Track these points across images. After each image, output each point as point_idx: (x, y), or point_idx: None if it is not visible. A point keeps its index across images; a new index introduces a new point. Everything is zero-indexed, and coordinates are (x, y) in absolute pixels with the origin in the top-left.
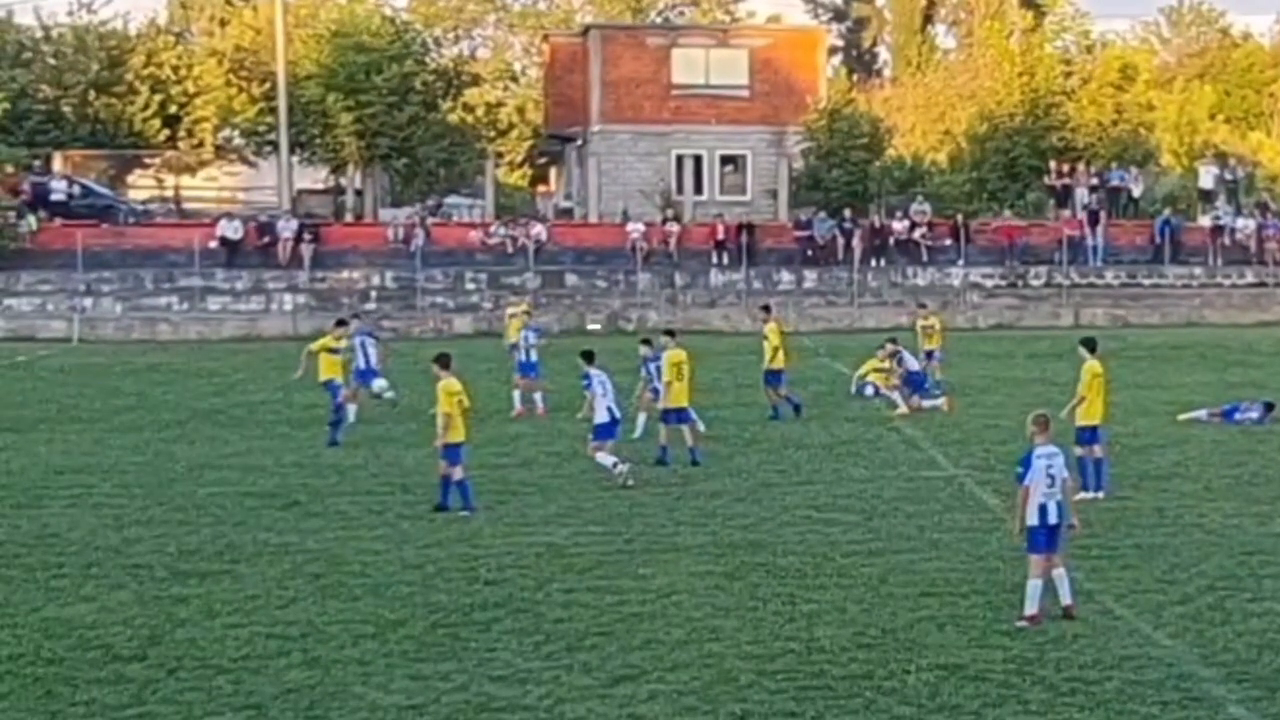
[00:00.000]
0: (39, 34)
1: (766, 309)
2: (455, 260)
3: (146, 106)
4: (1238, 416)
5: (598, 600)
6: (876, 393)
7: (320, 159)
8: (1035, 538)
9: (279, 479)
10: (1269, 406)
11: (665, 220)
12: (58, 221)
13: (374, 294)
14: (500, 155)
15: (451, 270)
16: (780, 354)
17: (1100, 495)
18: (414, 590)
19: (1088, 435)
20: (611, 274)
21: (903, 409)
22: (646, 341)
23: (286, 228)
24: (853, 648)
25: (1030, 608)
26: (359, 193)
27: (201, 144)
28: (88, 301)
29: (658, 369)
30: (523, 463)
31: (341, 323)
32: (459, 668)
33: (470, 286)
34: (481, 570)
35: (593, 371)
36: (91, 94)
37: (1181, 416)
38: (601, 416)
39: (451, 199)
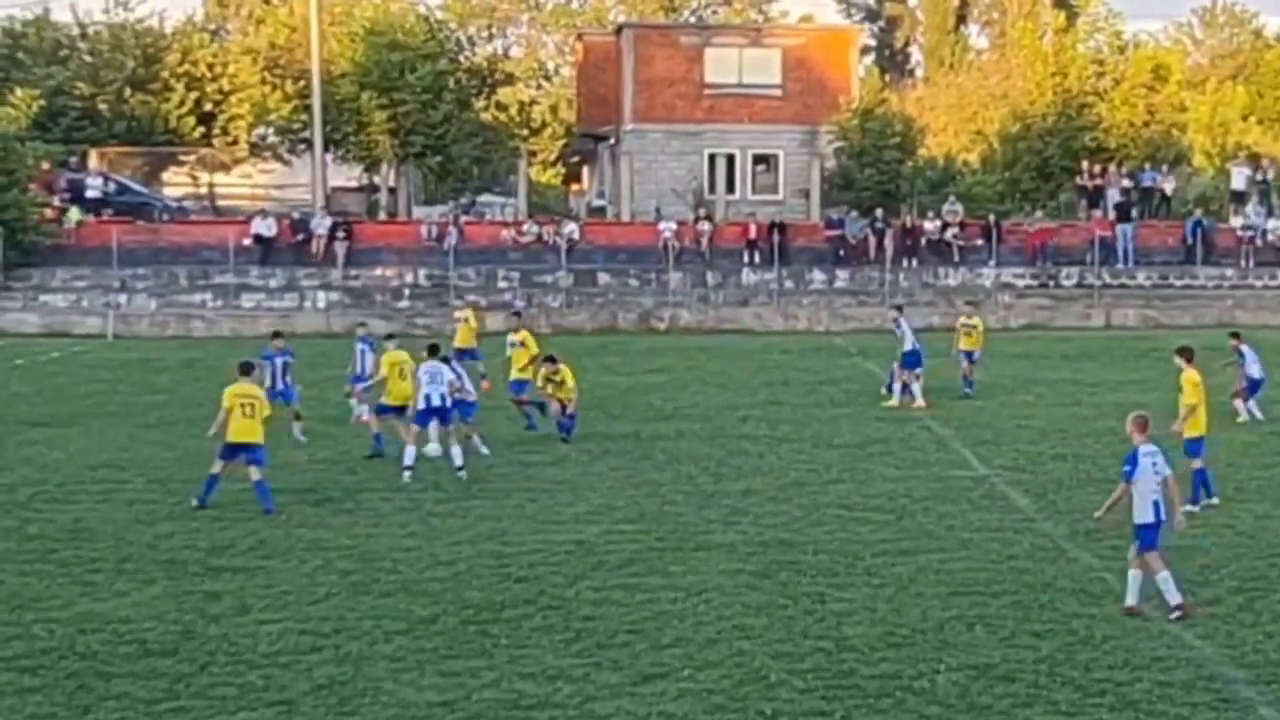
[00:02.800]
0: (75, 31)
1: (518, 314)
2: (488, 258)
3: (182, 104)
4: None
5: (628, 598)
6: (905, 390)
7: (354, 157)
8: (1147, 534)
9: (312, 475)
10: None
11: (697, 219)
12: (92, 218)
13: (407, 291)
14: (533, 154)
15: (484, 268)
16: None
17: (1200, 507)
18: (445, 587)
19: (1195, 447)
20: (643, 273)
21: (894, 401)
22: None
23: (320, 225)
24: (882, 647)
25: (1130, 599)
26: (392, 190)
27: (236, 141)
28: (123, 298)
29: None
30: (554, 460)
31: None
32: (489, 664)
33: (503, 284)
34: (512, 567)
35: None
36: (127, 91)
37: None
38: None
39: (484, 197)
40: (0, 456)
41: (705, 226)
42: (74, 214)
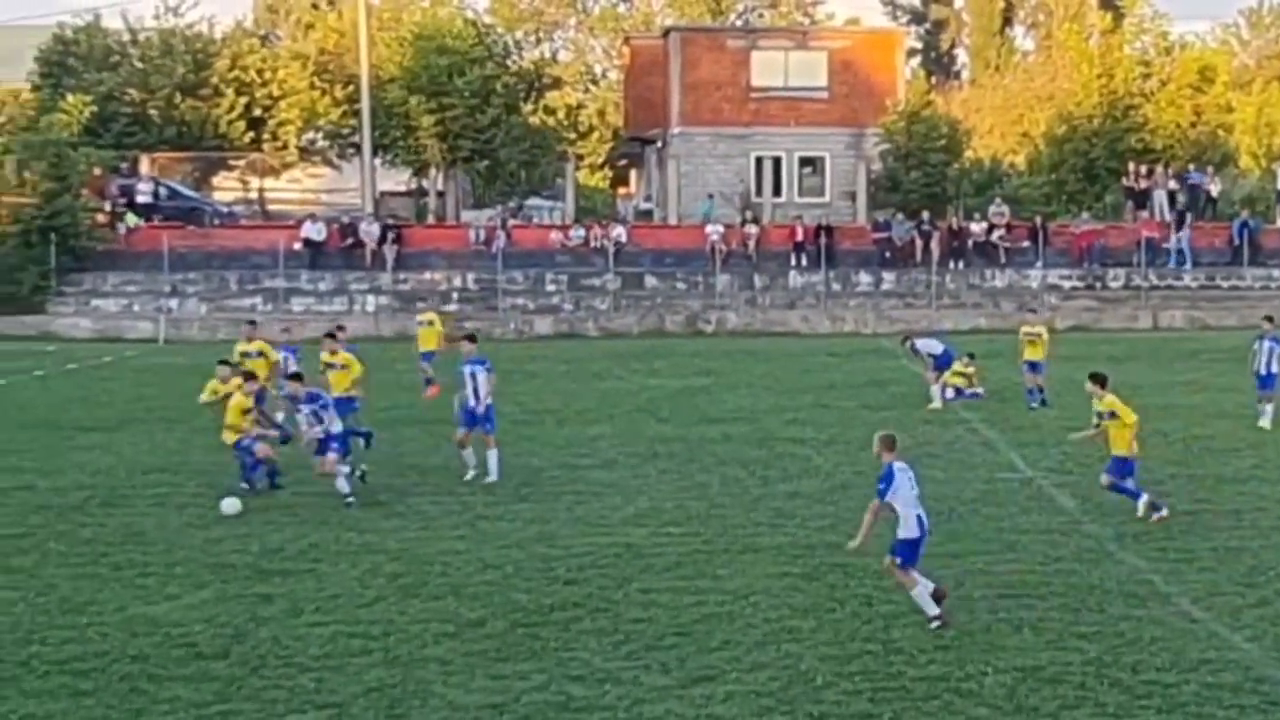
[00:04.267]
0: (126, 38)
1: (339, 329)
2: (536, 262)
3: (231, 109)
4: None
5: (676, 600)
6: (959, 394)
7: (403, 161)
8: (909, 549)
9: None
10: None
11: (744, 222)
12: (144, 223)
13: (455, 295)
14: (580, 157)
15: (532, 271)
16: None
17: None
18: (494, 590)
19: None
20: (690, 276)
21: (937, 403)
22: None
23: (369, 229)
24: (930, 649)
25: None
26: (441, 195)
27: (285, 146)
28: (173, 302)
29: None
30: (603, 464)
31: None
32: (538, 667)
33: (551, 288)
34: (560, 570)
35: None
36: (177, 97)
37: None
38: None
39: (532, 201)
40: (53, 461)
41: (752, 229)
42: (129, 219)
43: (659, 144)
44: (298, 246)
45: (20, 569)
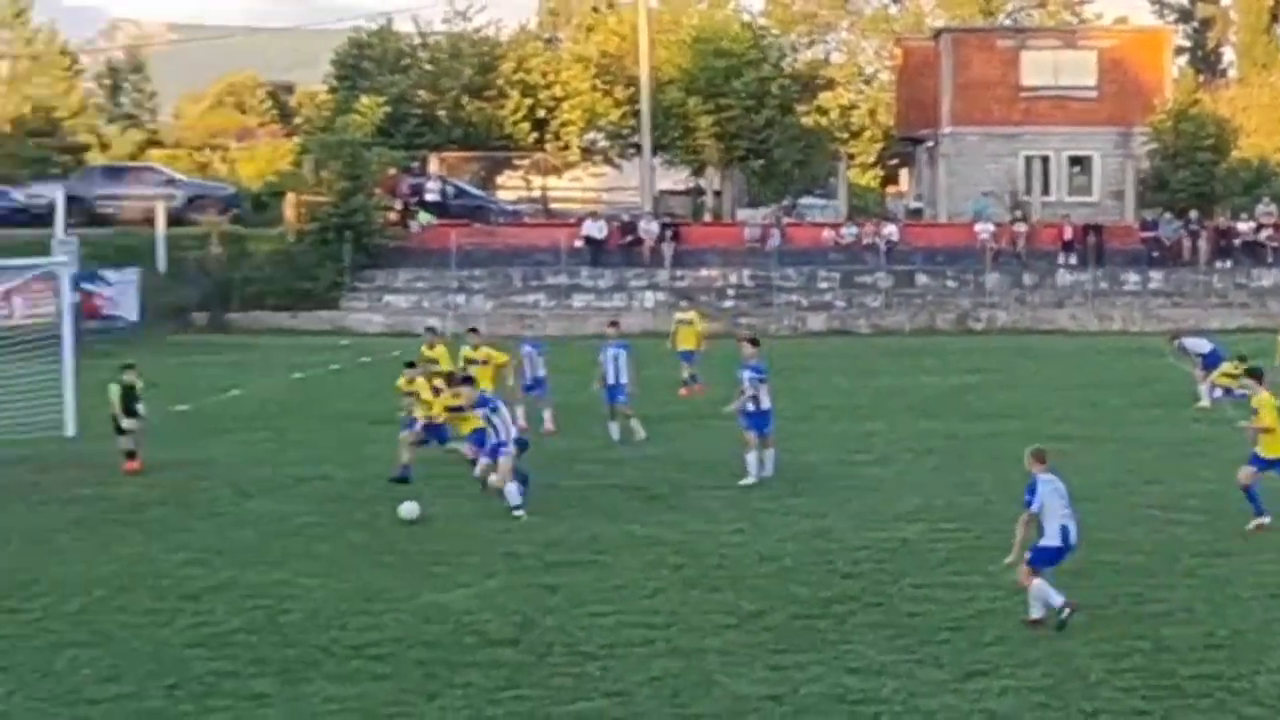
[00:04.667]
0: (416, 41)
1: (472, 331)
2: (809, 259)
3: (516, 110)
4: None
5: (949, 595)
6: (1227, 394)
7: (681, 160)
8: (1048, 555)
9: (642, 472)
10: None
11: (1014, 220)
12: (433, 221)
13: (731, 292)
14: (852, 156)
15: (805, 269)
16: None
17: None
18: (772, 582)
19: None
20: (961, 274)
21: (1205, 402)
22: None
23: (648, 227)
24: (1201, 648)
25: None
26: (717, 193)
27: (568, 146)
28: (460, 298)
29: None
30: (877, 459)
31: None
32: (816, 659)
33: (823, 285)
34: (837, 564)
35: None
36: (465, 98)
37: None
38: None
39: (806, 199)
40: (349, 452)
41: (1021, 228)
42: (423, 217)
43: (929, 143)
44: (579, 244)
45: (320, 557)
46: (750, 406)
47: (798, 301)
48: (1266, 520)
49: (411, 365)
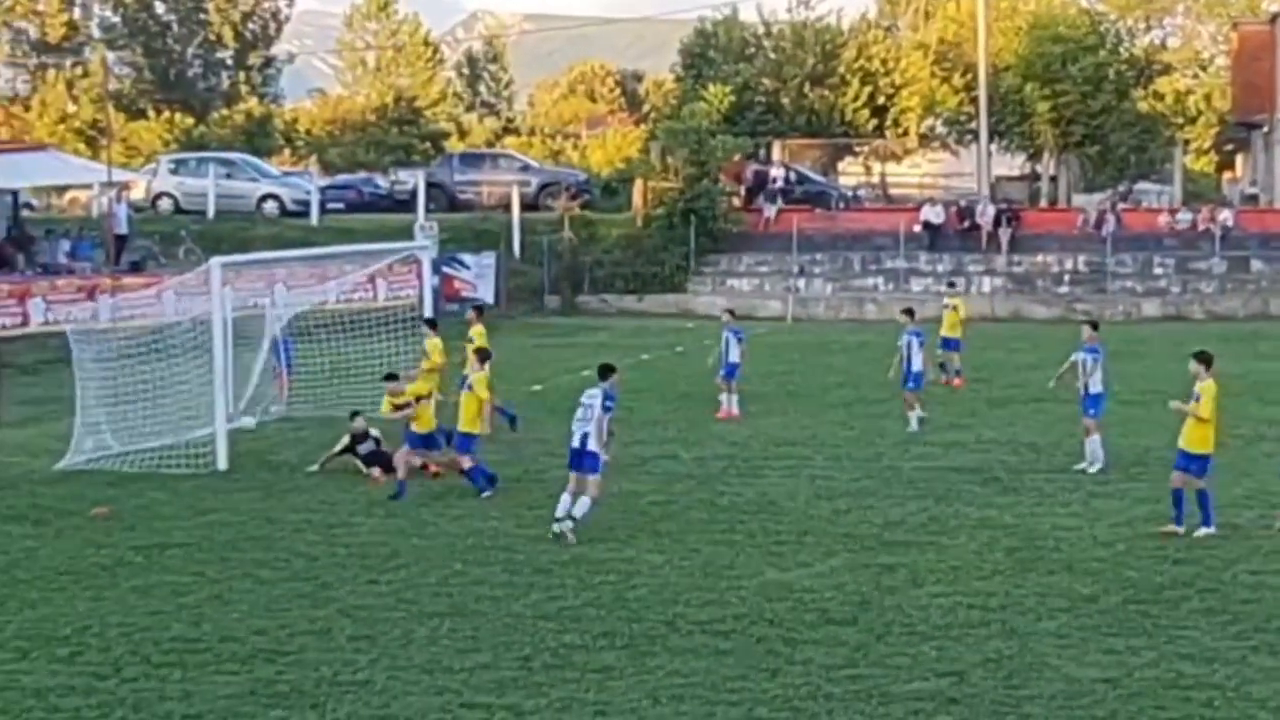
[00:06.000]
0: (760, 30)
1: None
2: (1144, 245)
3: (856, 98)
4: None
5: None
6: None
7: (1016, 146)
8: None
9: (979, 455)
10: None
11: None
12: (779, 206)
13: (1067, 277)
14: (1187, 142)
15: (1140, 255)
16: None
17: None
18: (1105, 566)
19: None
20: None
21: None
22: None
23: (986, 213)
24: None
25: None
26: (1053, 179)
27: (906, 133)
28: (801, 282)
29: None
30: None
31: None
32: (1149, 644)
33: (1158, 271)
34: (1170, 549)
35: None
36: (807, 86)
37: None
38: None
39: (1141, 185)
40: (694, 432)
41: None
42: (772, 209)
43: (1265, 129)
44: (917, 229)
45: (666, 534)
46: (1090, 389)
47: (1132, 287)
48: (1179, 530)
49: (393, 377)
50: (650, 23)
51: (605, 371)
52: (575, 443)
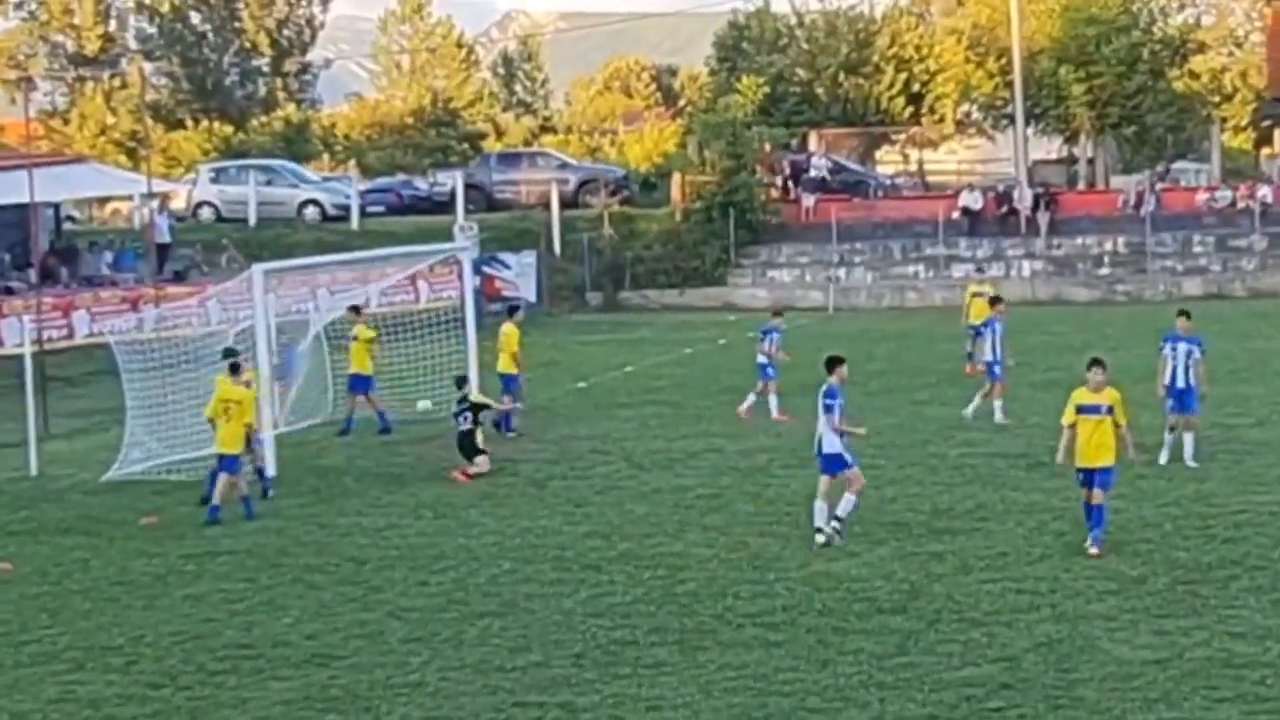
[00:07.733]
0: (793, 21)
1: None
2: (1183, 224)
3: (891, 85)
4: None
5: None
6: None
7: (1053, 130)
8: None
9: (1024, 440)
10: None
11: None
12: (817, 195)
13: (1106, 259)
14: (1224, 120)
15: (1180, 234)
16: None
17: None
18: (1153, 547)
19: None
20: None
21: None
22: None
23: (1024, 197)
24: None
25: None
26: (1090, 161)
27: (942, 119)
28: (841, 272)
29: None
30: (1256, 422)
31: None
32: (1199, 624)
33: (1198, 250)
34: (1217, 528)
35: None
36: (841, 75)
37: None
38: None
39: (1178, 164)
40: (738, 425)
41: None
42: (808, 201)
43: None
44: (956, 215)
45: (713, 527)
46: (1190, 383)
47: (1172, 267)
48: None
49: (232, 360)
50: (684, 17)
51: (830, 364)
52: (813, 447)
